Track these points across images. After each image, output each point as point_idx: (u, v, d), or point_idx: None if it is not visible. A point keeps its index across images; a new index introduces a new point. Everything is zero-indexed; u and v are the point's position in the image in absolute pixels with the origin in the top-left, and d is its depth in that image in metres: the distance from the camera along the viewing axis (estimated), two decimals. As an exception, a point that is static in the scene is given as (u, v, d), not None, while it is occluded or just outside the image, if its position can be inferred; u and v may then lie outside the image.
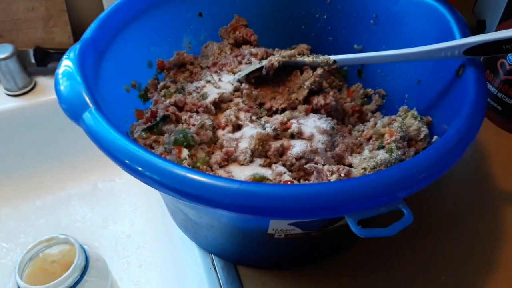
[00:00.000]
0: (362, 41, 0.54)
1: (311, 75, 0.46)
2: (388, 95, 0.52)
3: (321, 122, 0.43)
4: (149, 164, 0.30)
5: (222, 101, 0.47)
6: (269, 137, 0.42)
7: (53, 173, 0.71)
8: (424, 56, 0.42)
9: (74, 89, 0.36)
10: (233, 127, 0.45)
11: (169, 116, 0.43)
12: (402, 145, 0.41)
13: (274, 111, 0.47)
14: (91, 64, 0.40)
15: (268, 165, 0.42)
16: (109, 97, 0.42)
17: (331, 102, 0.46)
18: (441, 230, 0.49)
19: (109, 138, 0.32)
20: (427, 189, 0.31)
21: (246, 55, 0.51)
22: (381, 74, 0.53)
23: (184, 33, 0.53)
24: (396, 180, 0.30)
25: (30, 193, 0.70)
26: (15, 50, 0.64)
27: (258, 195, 0.29)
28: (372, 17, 0.52)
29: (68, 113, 0.36)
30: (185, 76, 0.51)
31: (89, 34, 0.42)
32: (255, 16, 0.55)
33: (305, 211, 0.28)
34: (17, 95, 0.67)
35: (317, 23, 0.56)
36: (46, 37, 0.68)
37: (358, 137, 0.45)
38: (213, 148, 0.43)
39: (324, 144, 0.42)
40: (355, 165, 0.41)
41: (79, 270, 0.48)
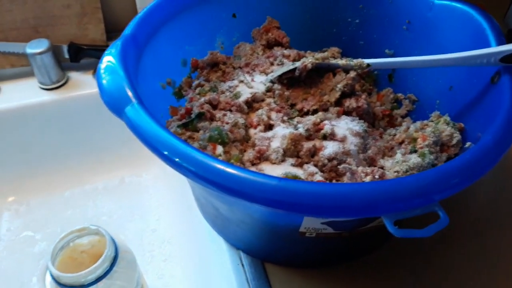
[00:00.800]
0: (393, 46, 0.54)
1: (344, 78, 0.47)
2: (419, 100, 0.53)
3: (354, 124, 0.44)
4: (191, 157, 0.31)
5: (255, 100, 0.48)
6: (302, 137, 0.42)
7: (81, 166, 0.73)
8: (459, 62, 0.42)
9: (117, 84, 0.37)
10: (264, 126, 0.45)
11: (204, 114, 0.44)
12: (434, 150, 0.41)
13: (305, 112, 0.48)
14: (132, 60, 0.41)
15: (300, 165, 0.42)
16: (146, 93, 0.43)
17: (363, 105, 0.47)
18: (470, 236, 0.48)
19: (152, 132, 0.33)
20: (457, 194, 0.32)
21: (278, 57, 0.52)
22: (412, 79, 0.53)
23: (217, 34, 0.54)
24: (434, 182, 0.30)
25: (59, 185, 0.72)
26: (50, 45, 0.66)
27: (297, 191, 0.29)
28: (405, 23, 0.52)
29: (110, 106, 0.37)
30: (218, 75, 0.52)
31: (130, 31, 0.43)
32: (288, 19, 0.56)
33: (344, 209, 0.29)
34: (50, 89, 0.69)
35: (349, 27, 0.56)
36: (80, 33, 0.70)
37: (389, 140, 0.46)
38: (245, 146, 0.44)
39: (357, 146, 0.42)
40: (387, 168, 0.41)
41: (109, 261, 0.49)
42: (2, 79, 0.70)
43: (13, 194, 0.71)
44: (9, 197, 0.71)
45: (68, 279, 0.47)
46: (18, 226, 0.68)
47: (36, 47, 0.65)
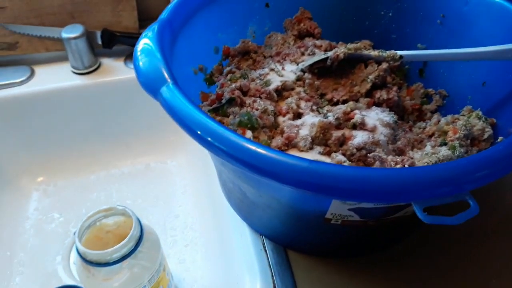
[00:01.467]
0: (426, 40, 0.53)
1: (376, 69, 0.47)
2: (450, 95, 0.52)
3: (384, 115, 0.44)
4: (224, 137, 0.32)
5: (284, 89, 0.48)
6: (331, 126, 0.43)
7: (108, 150, 0.74)
8: (495, 56, 0.41)
9: (153, 65, 0.38)
10: (293, 114, 0.46)
11: (235, 99, 0.45)
12: (465, 143, 0.41)
13: (335, 103, 0.48)
14: (168, 43, 0.42)
15: (328, 153, 0.42)
16: (179, 77, 0.44)
17: (394, 97, 0.47)
18: (500, 232, 0.48)
19: (186, 111, 0.34)
20: (487, 190, 0.31)
21: (309, 47, 0.52)
22: (444, 74, 0.52)
23: (250, 22, 0.55)
24: (466, 171, 0.30)
25: (86, 168, 0.74)
26: (85, 30, 0.67)
27: (328, 174, 0.30)
28: (439, 17, 0.52)
29: (145, 87, 0.37)
30: (248, 64, 0.53)
31: (166, 15, 0.44)
32: (320, 10, 0.56)
33: (375, 193, 0.29)
34: (82, 74, 0.70)
35: (382, 20, 0.56)
36: (113, 20, 0.71)
37: (419, 133, 0.45)
38: (274, 133, 0.44)
39: (386, 137, 0.42)
40: (416, 160, 0.41)
41: (134, 240, 0.50)
42: (37, 62, 0.72)
43: (43, 174, 0.73)
44: (39, 177, 0.73)
45: (94, 256, 0.49)
46: (45, 206, 0.70)
47: (71, 32, 0.67)
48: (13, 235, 0.65)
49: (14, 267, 0.62)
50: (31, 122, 0.70)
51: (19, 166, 0.71)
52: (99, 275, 0.49)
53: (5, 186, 0.70)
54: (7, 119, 0.69)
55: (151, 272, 0.51)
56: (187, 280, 0.60)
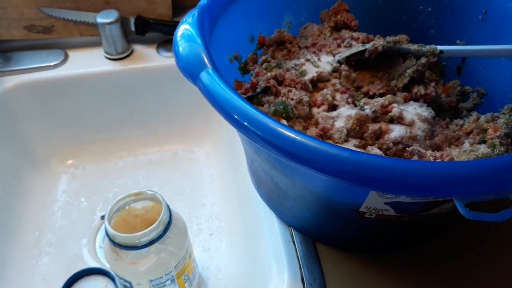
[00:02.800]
0: (466, 37, 0.52)
1: (414, 64, 0.46)
2: (488, 94, 0.51)
3: (422, 110, 0.43)
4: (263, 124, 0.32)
5: (320, 80, 0.48)
6: (368, 119, 0.42)
7: (137, 137, 0.75)
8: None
9: (193, 50, 0.38)
10: (328, 106, 0.45)
11: (270, 88, 0.44)
12: (505, 142, 0.40)
13: (371, 96, 0.47)
14: (207, 29, 0.42)
15: (363, 146, 0.42)
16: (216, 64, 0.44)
17: (432, 93, 0.46)
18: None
19: (226, 96, 0.34)
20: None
21: (346, 39, 0.51)
22: (483, 72, 0.51)
23: (286, 12, 0.54)
24: (510, 168, 0.29)
25: (115, 153, 0.75)
26: (119, 16, 0.68)
27: (370, 164, 0.29)
28: (481, 13, 0.50)
29: (185, 71, 0.38)
30: (283, 54, 0.52)
31: (206, 2, 0.44)
32: (358, 2, 0.55)
33: (417, 187, 0.29)
34: (115, 59, 0.71)
35: (420, 15, 0.55)
36: (147, 7, 0.72)
37: (456, 130, 0.44)
38: (308, 124, 0.44)
39: (424, 132, 0.41)
40: (454, 156, 0.40)
41: (163, 225, 0.51)
42: (71, 46, 0.73)
43: (72, 157, 0.74)
44: (68, 160, 0.74)
45: (123, 239, 0.49)
46: (73, 189, 0.71)
47: (106, 17, 0.67)
48: (42, 216, 0.67)
49: (42, 247, 0.63)
50: (63, 106, 0.71)
51: (50, 148, 0.72)
52: (126, 258, 0.50)
53: (36, 168, 0.71)
54: (40, 101, 0.70)
55: (177, 258, 0.52)
56: (211, 268, 0.60)
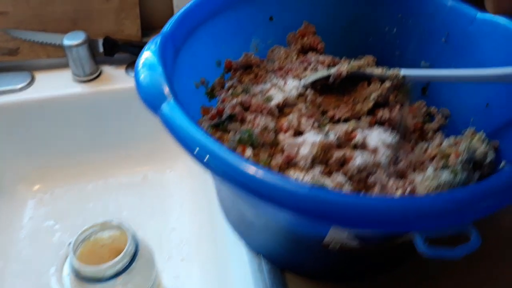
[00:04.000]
0: (430, 58, 0.53)
1: (379, 87, 0.46)
2: (452, 115, 0.51)
3: (386, 135, 0.43)
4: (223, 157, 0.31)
5: (286, 105, 0.48)
6: (332, 146, 0.42)
7: (107, 159, 0.74)
8: (499, 79, 0.41)
9: (154, 80, 0.37)
10: (294, 131, 0.45)
11: (236, 115, 0.44)
12: (467, 167, 0.40)
13: (336, 120, 0.47)
14: (170, 57, 0.41)
15: (328, 173, 0.42)
16: (180, 91, 0.43)
17: (396, 117, 0.46)
18: (499, 257, 0.47)
19: (185, 129, 0.33)
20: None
21: (312, 62, 0.51)
22: (447, 93, 0.52)
23: (253, 36, 0.54)
24: (470, 202, 0.29)
25: (84, 177, 0.73)
26: (86, 38, 0.67)
27: (328, 201, 0.29)
28: (444, 35, 0.51)
29: (146, 102, 0.37)
30: (250, 78, 0.52)
31: (169, 29, 0.43)
32: (325, 24, 0.55)
33: (376, 223, 0.28)
34: (83, 81, 0.70)
35: (385, 37, 0.55)
36: (116, 28, 0.71)
37: (421, 154, 0.45)
38: (274, 151, 0.44)
39: (388, 158, 0.41)
40: (417, 183, 0.40)
41: (129, 256, 0.50)
42: (38, 68, 0.72)
43: (39, 182, 0.72)
44: (35, 185, 0.72)
45: (88, 272, 0.48)
46: (41, 215, 0.69)
47: (73, 39, 0.66)
48: (7, 244, 0.65)
49: (6, 278, 0.61)
50: (29, 129, 0.69)
51: (16, 174, 0.71)
52: (92, 291, 0.49)
53: (1, 194, 0.69)
54: (5, 125, 0.68)
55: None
56: (182, 295, 0.59)
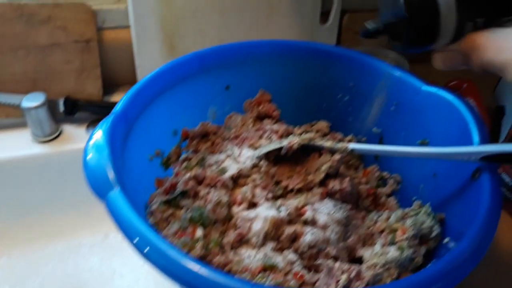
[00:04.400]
0: (381, 125, 0.55)
1: (329, 159, 0.48)
2: (403, 181, 0.53)
3: (336, 210, 0.44)
4: (164, 254, 0.31)
5: (240, 176, 0.48)
6: (283, 222, 0.43)
7: (67, 220, 0.72)
8: (441, 157, 0.43)
9: (101, 167, 0.37)
10: (248, 204, 0.46)
11: (188, 192, 0.44)
12: (413, 243, 0.41)
13: (290, 190, 0.48)
14: (120, 137, 0.42)
15: (280, 249, 0.42)
16: (133, 167, 0.44)
17: (347, 188, 0.47)
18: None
19: (129, 223, 0.33)
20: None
21: (267, 131, 0.52)
22: (397, 160, 0.53)
23: (210, 104, 0.55)
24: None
25: (42, 238, 0.71)
26: (46, 99, 0.67)
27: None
28: (393, 104, 0.53)
29: (93, 188, 0.37)
30: (207, 146, 0.53)
31: (120, 107, 0.44)
32: (280, 92, 0.57)
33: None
34: (43, 142, 0.69)
35: (338, 103, 0.57)
36: (77, 88, 0.71)
37: (371, 226, 0.46)
38: (227, 226, 0.44)
39: (337, 234, 0.42)
40: (365, 258, 0.41)
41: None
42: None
43: (-4, 244, 0.70)
44: (-9, 247, 0.70)
45: None
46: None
47: (32, 100, 0.66)
48: (-41, 312, 0.62)
49: None
50: (-14, 191, 0.68)
51: (-29, 237, 0.68)
52: None
53: (-45, 257, 0.67)
54: (-38, 187, 0.66)
55: None
56: None
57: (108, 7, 0.71)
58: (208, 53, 0.53)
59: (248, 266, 0.39)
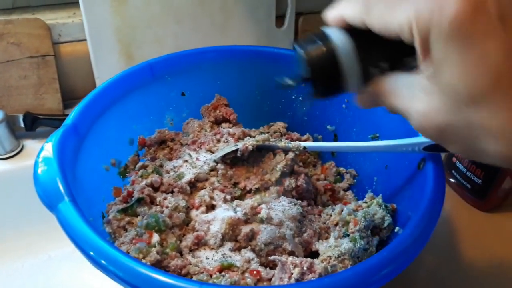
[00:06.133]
0: (335, 122, 0.57)
1: (283, 158, 0.49)
2: (359, 175, 0.55)
3: (290, 207, 0.45)
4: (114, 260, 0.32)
5: (198, 180, 0.49)
6: (240, 222, 0.43)
7: (34, 235, 0.71)
8: (389, 149, 0.44)
9: (51, 179, 0.38)
10: (206, 207, 0.46)
11: (144, 199, 0.45)
12: (366, 234, 0.43)
13: (248, 191, 0.49)
14: (71, 149, 0.42)
15: (238, 249, 0.43)
16: (87, 179, 0.44)
17: (302, 185, 0.48)
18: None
19: (79, 233, 0.34)
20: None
21: (224, 134, 0.53)
22: (352, 155, 0.55)
23: (166, 111, 0.56)
24: (352, 283, 0.31)
25: (10, 254, 0.71)
26: (4, 116, 0.66)
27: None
28: (344, 102, 0.55)
29: (43, 200, 0.37)
30: (165, 153, 0.53)
31: (71, 121, 0.44)
32: (236, 96, 0.58)
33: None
34: (4, 158, 0.68)
35: (293, 104, 0.59)
36: (36, 103, 0.71)
37: (326, 220, 0.47)
38: (185, 230, 0.45)
39: (292, 230, 0.43)
40: (321, 251, 0.42)
41: None
42: (-45, 148, 0.70)
43: (-39, 265, 0.69)
44: (-44, 269, 0.69)
45: None
46: (-36, 299, 0.66)
47: (-10, 118, 0.65)
48: None
49: None
50: None
51: None
52: None
53: None
54: None
55: None
56: None
57: (63, 21, 0.71)
58: (160, 61, 0.53)
59: (206, 267, 0.40)
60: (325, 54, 0.31)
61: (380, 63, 0.31)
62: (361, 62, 0.31)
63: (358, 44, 0.30)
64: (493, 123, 0.25)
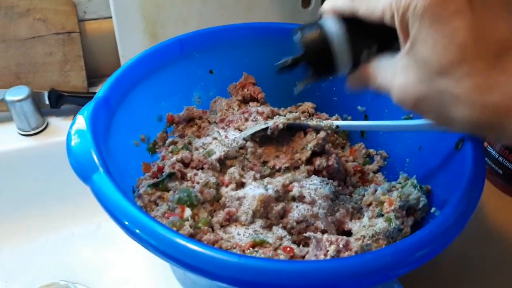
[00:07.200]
0: (365, 103, 0.55)
1: (314, 138, 0.48)
2: (390, 157, 0.54)
3: (323, 185, 0.44)
4: (151, 230, 0.32)
5: (227, 158, 0.48)
6: (271, 199, 0.43)
7: (58, 212, 0.72)
8: (424, 128, 0.43)
9: (85, 150, 0.37)
10: (236, 184, 0.46)
11: (175, 174, 0.44)
12: (401, 214, 0.42)
13: (277, 170, 0.48)
14: (103, 122, 0.42)
15: (269, 226, 0.42)
16: (118, 153, 0.44)
17: (333, 165, 0.48)
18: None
19: (115, 203, 0.33)
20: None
21: (252, 113, 0.53)
22: (383, 136, 0.54)
23: (194, 89, 0.55)
24: (391, 261, 0.31)
25: (34, 231, 0.71)
26: (30, 92, 0.66)
27: (257, 270, 0.30)
28: (376, 81, 0.54)
29: (77, 171, 0.37)
30: (193, 130, 0.53)
31: (102, 93, 0.43)
32: (264, 75, 0.57)
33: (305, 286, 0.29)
34: (29, 135, 0.69)
35: (323, 84, 0.57)
36: (61, 80, 0.70)
37: (358, 201, 0.46)
38: (216, 206, 0.44)
39: (325, 209, 0.43)
40: (354, 231, 0.42)
41: (76, 319, 0.48)
42: (-19, 123, 0.70)
43: (-15, 240, 0.70)
44: (-18, 243, 0.69)
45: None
46: (-10, 274, 0.67)
47: (16, 94, 0.65)
48: (-48, 309, 0.62)
49: None
50: (-27, 187, 0.67)
51: (-40, 233, 0.68)
52: None
53: None
54: None
55: None
56: None
57: (89, -3, 0.71)
58: (190, 37, 0.52)
59: (238, 242, 0.40)
60: (319, 37, 0.35)
61: (368, 47, 0.35)
62: (351, 46, 0.34)
63: (348, 30, 0.34)
64: (460, 91, 0.28)
